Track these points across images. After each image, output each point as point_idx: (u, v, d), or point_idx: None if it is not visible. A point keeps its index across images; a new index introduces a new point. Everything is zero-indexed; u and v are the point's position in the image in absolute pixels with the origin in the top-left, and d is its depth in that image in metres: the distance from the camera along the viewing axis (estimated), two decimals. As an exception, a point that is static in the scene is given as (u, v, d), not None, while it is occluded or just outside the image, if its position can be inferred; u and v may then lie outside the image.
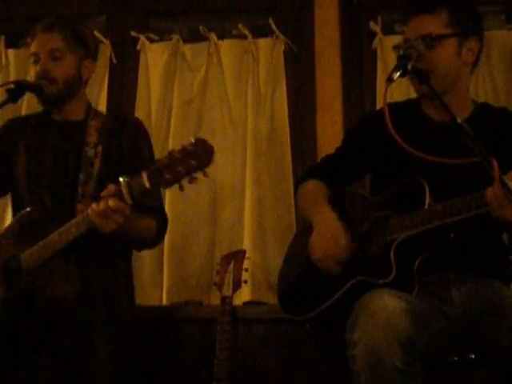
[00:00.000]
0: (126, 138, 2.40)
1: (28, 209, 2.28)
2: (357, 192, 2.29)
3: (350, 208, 2.16)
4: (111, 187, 1.95)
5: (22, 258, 2.22)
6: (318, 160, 2.49)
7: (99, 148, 2.34)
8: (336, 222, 2.06)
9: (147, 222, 2.29)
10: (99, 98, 3.21)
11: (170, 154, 1.81)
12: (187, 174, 1.79)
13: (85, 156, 2.32)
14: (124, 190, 1.89)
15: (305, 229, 2.22)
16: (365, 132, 2.27)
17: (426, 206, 1.92)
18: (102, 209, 1.96)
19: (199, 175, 1.80)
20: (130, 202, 1.91)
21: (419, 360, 1.75)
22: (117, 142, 2.38)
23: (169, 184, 1.82)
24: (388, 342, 1.70)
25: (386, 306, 1.77)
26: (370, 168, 2.28)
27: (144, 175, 1.83)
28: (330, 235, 2.03)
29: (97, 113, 2.49)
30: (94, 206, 1.99)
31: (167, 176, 1.80)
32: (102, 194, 1.99)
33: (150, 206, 2.27)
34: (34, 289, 2.18)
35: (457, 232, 1.91)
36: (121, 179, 1.90)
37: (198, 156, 1.78)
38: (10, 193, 2.48)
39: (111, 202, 1.93)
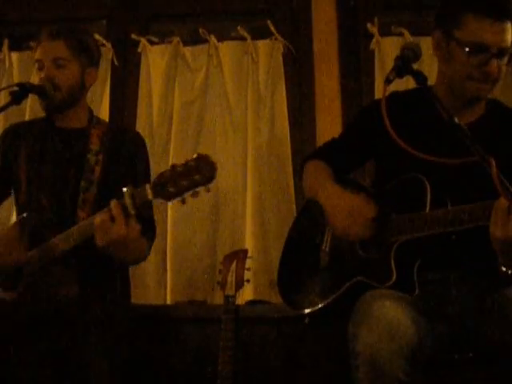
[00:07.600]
0: (125, 154, 2.42)
1: (24, 214, 2.29)
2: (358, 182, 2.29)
3: None
4: (114, 200, 1.93)
5: None
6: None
7: (100, 156, 2.36)
8: (348, 193, 2.02)
9: (141, 244, 2.24)
10: (101, 100, 3.22)
11: (173, 167, 1.81)
12: (191, 188, 1.79)
13: (86, 163, 2.34)
14: (127, 201, 1.88)
15: (306, 212, 2.20)
16: (364, 123, 2.24)
17: (427, 209, 1.90)
18: (104, 218, 1.94)
19: (201, 190, 1.80)
20: (133, 212, 1.89)
21: (421, 369, 1.72)
22: (117, 154, 2.40)
23: (172, 197, 1.82)
24: (391, 353, 1.67)
25: (389, 313, 1.73)
26: (372, 157, 2.26)
27: (147, 187, 1.84)
28: (348, 206, 1.98)
29: (99, 120, 2.51)
30: (98, 214, 1.98)
31: (171, 189, 1.80)
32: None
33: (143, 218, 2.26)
34: (34, 291, 2.20)
35: (458, 235, 1.88)
36: (124, 189, 1.89)
37: (201, 171, 1.78)
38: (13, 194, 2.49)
39: (114, 210, 1.91)
